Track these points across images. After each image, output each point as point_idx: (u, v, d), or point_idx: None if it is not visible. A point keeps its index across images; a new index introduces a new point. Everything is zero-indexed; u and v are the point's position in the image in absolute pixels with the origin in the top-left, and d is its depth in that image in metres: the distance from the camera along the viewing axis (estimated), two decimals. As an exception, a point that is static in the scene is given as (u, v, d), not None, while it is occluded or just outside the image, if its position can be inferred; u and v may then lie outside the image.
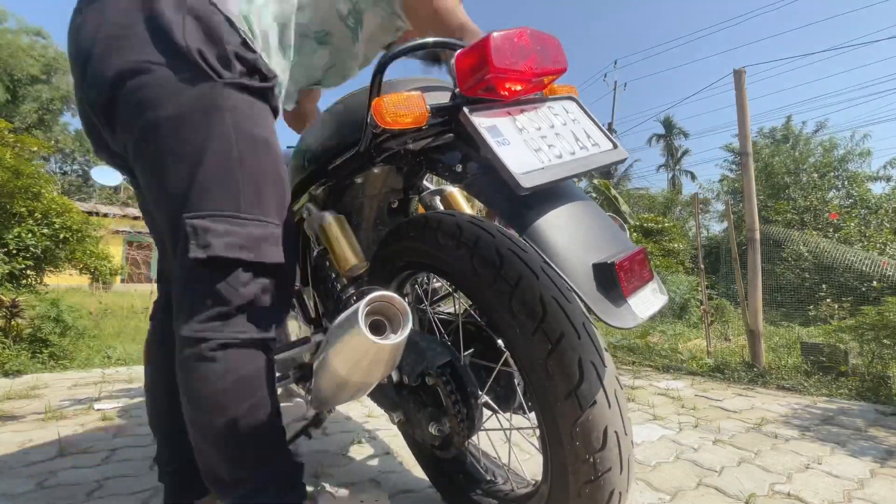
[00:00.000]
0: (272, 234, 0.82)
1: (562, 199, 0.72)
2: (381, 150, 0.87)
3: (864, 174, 12.41)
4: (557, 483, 0.74)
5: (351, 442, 1.68)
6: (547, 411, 0.71)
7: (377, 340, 0.64)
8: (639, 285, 0.68)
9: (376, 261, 1.01)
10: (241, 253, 0.77)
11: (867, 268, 4.93)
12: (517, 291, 0.71)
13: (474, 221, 0.81)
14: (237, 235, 0.78)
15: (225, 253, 0.76)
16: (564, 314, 0.69)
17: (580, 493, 0.70)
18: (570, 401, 0.67)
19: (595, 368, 0.68)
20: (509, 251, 0.74)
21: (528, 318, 0.69)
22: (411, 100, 0.69)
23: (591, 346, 0.69)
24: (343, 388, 0.79)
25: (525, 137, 0.71)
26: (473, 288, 0.78)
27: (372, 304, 0.66)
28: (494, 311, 0.74)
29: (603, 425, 0.68)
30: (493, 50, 0.65)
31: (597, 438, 0.67)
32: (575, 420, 0.67)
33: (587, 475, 0.69)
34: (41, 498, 1.24)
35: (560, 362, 0.68)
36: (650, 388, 2.64)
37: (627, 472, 0.71)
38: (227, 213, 0.78)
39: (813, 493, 1.32)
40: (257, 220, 0.81)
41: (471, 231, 0.79)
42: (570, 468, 0.70)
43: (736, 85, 3.11)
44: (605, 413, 0.68)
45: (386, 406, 1.04)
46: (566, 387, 0.67)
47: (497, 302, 0.73)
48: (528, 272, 0.72)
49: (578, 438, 0.68)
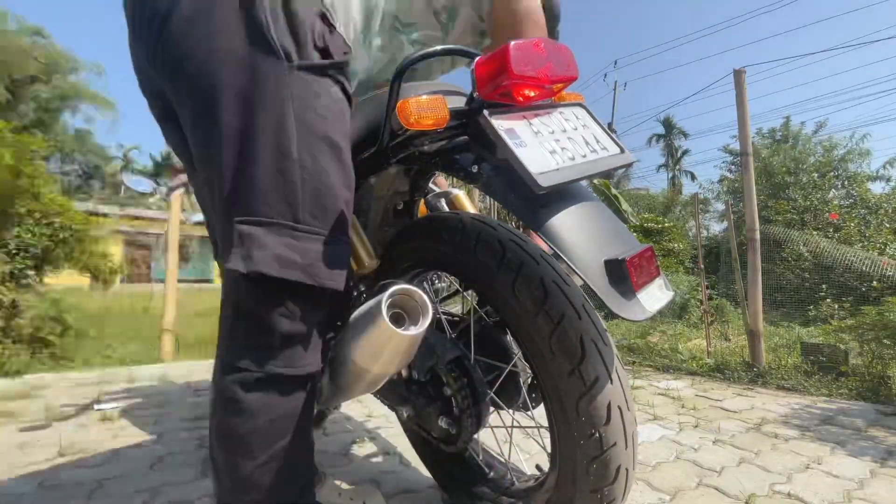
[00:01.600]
0: (336, 253, 0.70)
1: (574, 200, 0.77)
2: (397, 151, 0.90)
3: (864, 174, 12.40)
4: (566, 464, 0.76)
5: (351, 442, 1.68)
6: (552, 390, 0.74)
7: (399, 331, 0.67)
8: (647, 281, 0.72)
9: (385, 260, 1.04)
10: (294, 272, 0.66)
11: (867, 268, 4.92)
12: (520, 277, 0.75)
13: (476, 217, 0.86)
14: (293, 250, 0.66)
15: (271, 270, 0.64)
16: (564, 296, 0.73)
17: (588, 471, 0.73)
18: (573, 378, 0.71)
19: (596, 346, 0.72)
20: (511, 241, 0.79)
21: (531, 301, 0.73)
22: (434, 102, 0.72)
23: (591, 325, 0.73)
24: (361, 379, 0.81)
25: (540, 140, 0.74)
26: (481, 280, 0.82)
27: (394, 296, 0.69)
28: (500, 299, 0.78)
29: (606, 400, 0.71)
30: (512, 58, 0.68)
31: (601, 413, 0.71)
32: (580, 396, 0.71)
33: (594, 450, 0.71)
34: (41, 498, 1.24)
35: (562, 341, 0.71)
36: (650, 388, 2.64)
37: (632, 449, 0.74)
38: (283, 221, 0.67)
39: (813, 493, 1.32)
40: (320, 235, 0.69)
41: (473, 226, 0.84)
42: (577, 445, 0.73)
43: (736, 85, 3.11)
44: (608, 389, 0.71)
45: (394, 401, 1.07)
46: (569, 364, 0.71)
47: (502, 288, 0.77)
48: (529, 259, 0.76)
49: (584, 414, 0.71)
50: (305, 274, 0.66)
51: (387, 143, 0.87)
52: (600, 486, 0.73)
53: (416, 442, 1.23)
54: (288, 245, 0.66)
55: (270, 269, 0.64)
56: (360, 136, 0.97)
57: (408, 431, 1.24)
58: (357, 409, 2.07)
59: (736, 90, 3.10)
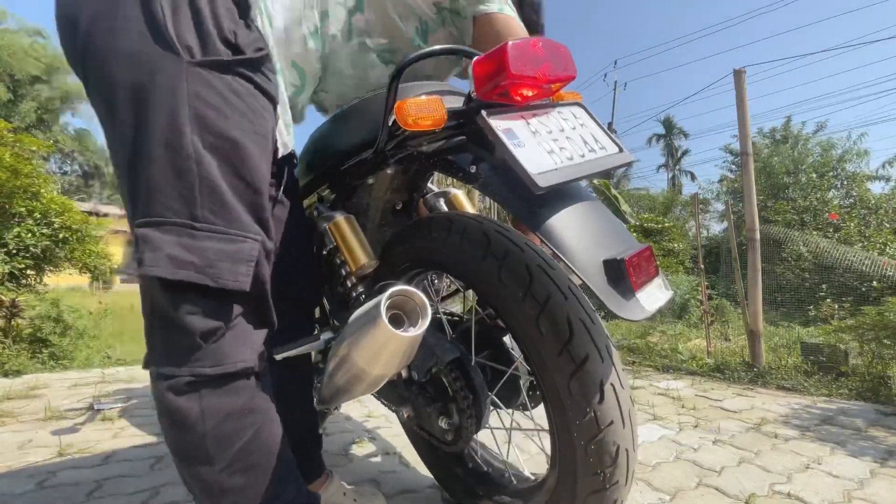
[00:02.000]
0: (239, 250, 0.68)
1: (573, 199, 0.77)
2: (395, 152, 0.90)
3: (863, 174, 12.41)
4: (565, 451, 0.75)
5: (351, 442, 1.68)
6: (545, 373, 0.74)
7: (398, 332, 0.67)
8: (646, 280, 0.72)
9: (384, 260, 1.04)
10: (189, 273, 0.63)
11: (867, 268, 4.92)
12: (505, 264, 0.76)
13: (463, 214, 0.87)
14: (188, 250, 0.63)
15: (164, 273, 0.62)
16: (549, 278, 0.74)
17: (587, 451, 0.72)
18: (563, 357, 0.71)
19: (584, 325, 0.72)
20: (496, 233, 0.80)
21: (517, 286, 0.74)
22: (432, 103, 0.72)
23: (578, 305, 0.73)
24: (360, 380, 0.81)
25: (539, 140, 0.74)
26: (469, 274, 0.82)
27: (393, 297, 0.69)
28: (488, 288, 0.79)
29: (598, 378, 0.70)
30: (510, 57, 0.68)
31: (594, 391, 0.70)
32: (571, 375, 0.70)
33: (591, 430, 0.71)
34: (41, 498, 1.24)
35: (549, 321, 0.72)
36: (650, 388, 2.64)
37: (631, 428, 0.73)
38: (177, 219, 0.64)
39: (813, 493, 1.32)
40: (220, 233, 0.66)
41: (460, 221, 0.85)
42: (573, 427, 0.72)
43: (736, 85, 3.11)
44: (599, 366, 0.71)
45: (394, 401, 1.07)
46: (558, 344, 0.71)
47: (489, 276, 0.78)
48: (514, 247, 0.77)
49: (576, 393, 0.70)
50: (203, 274, 0.64)
51: (385, 144, 0.87)
52: (601, 468, 0.72)
53: (416, 442, 1.23)
54: (184, 245, 0.64)
55: (164, 271, 0.62)
56: (358, 137, 0.97)
57: (408, 431, 1.24)
58: (357, 409, 2.07)
59: (736, 90, 3.10)
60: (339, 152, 1.02)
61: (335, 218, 1.01)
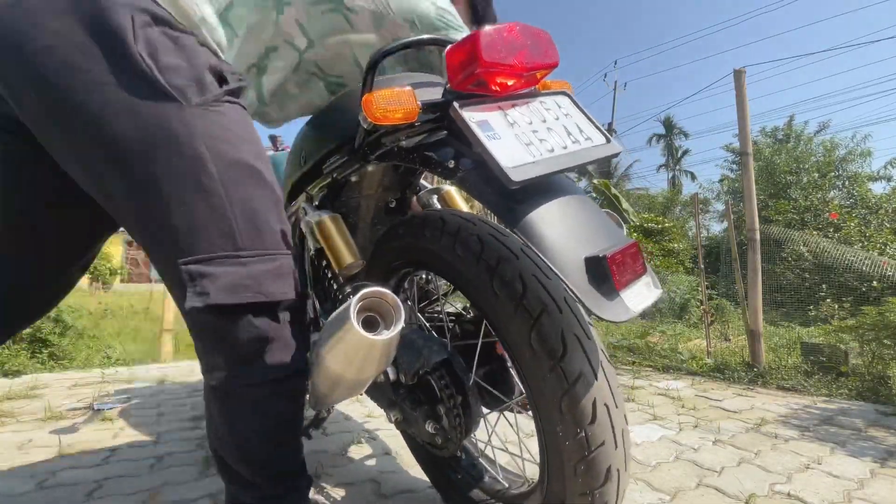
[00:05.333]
0: (281, 266, 0.74)
1: (554, 194, 0.72)
2: (375, 148, 0.86)
3: (864, 174, 12.41)
4: (554, 466, 0.72)
5: (351, 442, 1.68)
6: (535, 389, 0.70)
7: (369, 336, 0.64)
8: (631, 279, 0.68)
9: (374, 259, 1.01)
10: (249, 295, 0.69)
11: (867, 268, 4.92)
12: (497, 272, 0.72)
13: (457, 213, 0.83)
14: (239, 276, 0.69)
15: (226, 300, 0.68)
16: (544, 289, 0.69)
17: (576, 472, 0.68)
18: (554, 374, 0.67)
19: (579, 341, 0.68)
20: (490, 236, 0.76)
21: (510, 296, 0.70)
22: (402, 95, 0.69)
23: (573, 319, 0.69)
24: (337, 385, 0.78)
25: (516, 132, 0.71)
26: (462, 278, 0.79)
27: (364, 299, 0.66)
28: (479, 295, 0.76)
29: (592, 398, 0.67)
30: (482, 44, 0.65)
31: (586, 412, 0.66)
32: (562, 394, 0.67)
33: (580, 451, 0.67)
34: (41, 498, 1.24)
35: (542, 336, 0.67)
36: (650, 388, 2.64)
37: (623, 448, 0.70)
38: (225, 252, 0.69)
39: (813, 493, 1.32)
40: (261, 255, 0.72)
41: (454, 222, 0.80)
42: (563, 446, 0.68)
43: (736, 85, 3.11)
44: (592, 385, 0.67)
45: (383, 404, 1.04)
46: (550, 360, 0.67)
47: (481, 285, 0.74)
48: (509, 254, 0.73)
49: (567, 413, 0.67)
50: (259, 294, 0.70)
51: (362, 140, 0.83)
52: (590, 488, 0.69)
53: (410, 443, 1.21)
54: (237, 273, 0.69)
55: (227, 298, 0.68)
56: (338, 135, 0.94)
57: (402, 433, 1.21)
58: (357, 410, 2.07)
59: (736, 90, 3.10)
60: (320, 150, 0.99)
61: (320, 218, 0.98)
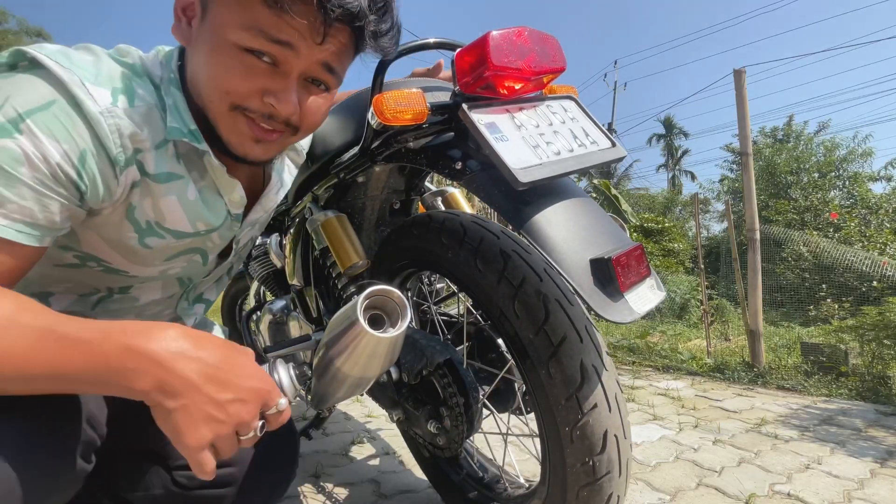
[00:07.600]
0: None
1: (560, 196, 0.73)
2: (382, 149, 0.87)
3: (865, 174, 12.41)
4: (555, 485, 0.74)
5: (351, 442, 1.68)
6: (547, 414, 0.71)
7: (375, 333, 0.64)
8: (636, 281, 0.68)
9: (379, 259, 1.01)
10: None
11: (867, 268, 4.92)
12: (520, 293, 0.71)
13: (478, 221, 0.82)
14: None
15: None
16: (567, 317, 0.69)
17: (578, 496, 0.70)
18: (570, 403, 0.67)
19: (596, 371, 0.68)
20: (514, 253, 0.74)
21: (531, 320, 0.69)
22: (412, 97, 0.70)
23: (592, 349, 0.69)
24: (341, 383, 0.78)
25: (523, 134, 0.72)
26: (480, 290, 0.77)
27: (371, 297, 0.66)
28: (499, 313, 0.74)
29: (603, 429, 0.68)
30: (491, 48, 0.66)
31: (596, 442, 0.68)
32: (575, 423, 0.68)
33: (585, 478, 0.69)
34: (41, 498, 1.24)
35: (561, 365, 0.68)
36: (650, 388, 2.64)
37: (625, 476, 0.71)
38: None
39: (813, 493, 1.32)
40: None
41: (475, 233, 0.79)
42: (569, 471, 0.70)
43: (736, 85, 3.11)
44: (605, 416, 0.68)
45: (385, 404, 1.05)
46: (567, 389, 0.67)
47: (501, 304, 0.73)
48: (532, 274, 0.72)
49: (578, 441, 0.68)
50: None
51: (370, 141, 0.84)
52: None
53: (410, 443, 1.20)
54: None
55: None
56: (346, 135, 0.94)
57: (403, 433, 1.21)
58: (357, 409, 2.07)
59: (736, 90, 3.10)
60: (328, 150, 1.00)
61: (326, 217, 0.99)
